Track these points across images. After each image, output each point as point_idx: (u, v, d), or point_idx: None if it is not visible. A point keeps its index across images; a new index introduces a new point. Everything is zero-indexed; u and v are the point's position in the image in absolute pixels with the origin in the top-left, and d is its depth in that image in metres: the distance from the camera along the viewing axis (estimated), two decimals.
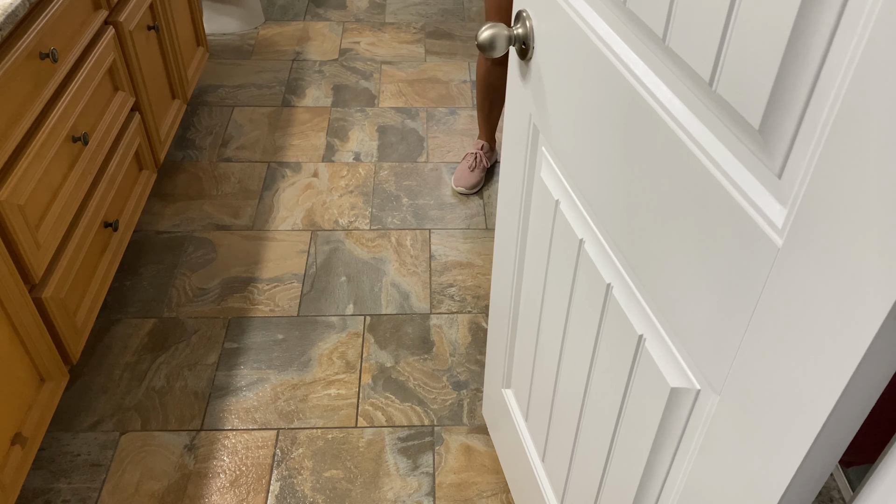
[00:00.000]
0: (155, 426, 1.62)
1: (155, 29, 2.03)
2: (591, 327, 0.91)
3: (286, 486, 1.52)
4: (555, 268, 1.01)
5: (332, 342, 1.81)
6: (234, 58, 2.87)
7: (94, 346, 1.78)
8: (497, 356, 1.39)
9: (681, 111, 0.65)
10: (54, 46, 1.47)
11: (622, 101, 0.74)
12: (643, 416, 0.81)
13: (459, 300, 1.92)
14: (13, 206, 1.30)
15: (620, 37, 0.74)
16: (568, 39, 0.84)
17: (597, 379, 0.93)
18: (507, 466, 1.45)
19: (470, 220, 2.17)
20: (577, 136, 0.87)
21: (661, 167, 0.69)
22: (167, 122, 2.15)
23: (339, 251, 2.06)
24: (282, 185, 2.27)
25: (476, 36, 0.95)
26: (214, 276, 1.97)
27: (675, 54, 0.63)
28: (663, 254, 0.71)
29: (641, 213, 0.74)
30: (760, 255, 0.56)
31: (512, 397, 1.37)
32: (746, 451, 0.64)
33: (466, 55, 2.93)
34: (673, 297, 0.71)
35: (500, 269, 1.28)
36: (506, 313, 1.29)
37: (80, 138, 1.54)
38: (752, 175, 0.57)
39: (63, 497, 1.49)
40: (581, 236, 0.90)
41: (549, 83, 0.92)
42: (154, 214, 2.15)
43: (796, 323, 0.54)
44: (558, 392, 1.09)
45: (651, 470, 0.84)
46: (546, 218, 1.02)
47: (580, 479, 1.06)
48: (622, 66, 0.73)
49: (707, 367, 0.67)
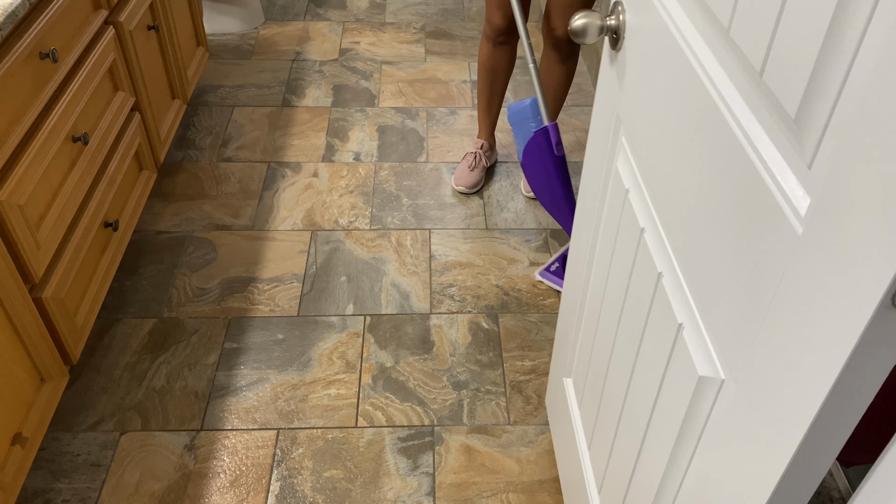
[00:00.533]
0: (155, 426, 1.62)
1: (155, 29, 2.03)
2: (642, 315, 0.94)
3: (286, 486, 1.52)
4: (618, 256, 1.04)
5: (332, 342, 1.81)
6: (234, 58, 2.87)
7: (95, 346, 1.78)
8: (563, 344, 1.42)
9: (736, 99, 0.67)
10: (54, 46, 1.47)
11: (690, 93, 0.76)
12: (673, 403, 0.83)
13: (459, 300, 1.93)
14: (13, 206, 1.30)
15: (699, 32, 0.77)
16: (654, 35, 0.87)
17: (640, 366, 0.95)
18: (560, 459, 1.47)
19: (470, 220, 2.17)
20: (650, 127, 0.89)
21: (711, 153, 0.71)
22: (167, 122, 2.15)
23: (339, 251, 2.06)
24: (282, 185, 2.27)
25: (570, 22, 1.00)
26: (214, 276, 1.97)
27: (735, 43, 0.66)
28: (706, 241, 0.74)
29: (692, 202, 0.77)
30: (782, 242, 0.58)
31: (571, 386, 1.40)
32: (754, 441, 0.64)
33: (466, 55, 2.93)
34: (708, 284, 0.73)
35: (575, 254, 1.30)
36: (576, 300, 1.31)
37: (80, 138, 1.55)
38: (786, 163, 0.59)
39: (63, 497, 1.49)
40: (643, 225, 0.93)
41: (632, 75, 0.96)
42: (154, 214, 2.16)
43: (805, 313, 0.55)
44: (608, 379, 1.11)
45: (674, 460, 0.85)
46: (616, 206, 1.05)
47: (616, 466, 1.09)
48: (694, 59, 0.75)
49: (730, 356, 0.69)
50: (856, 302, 0.49)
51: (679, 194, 0.81)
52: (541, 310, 1.90)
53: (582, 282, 1.26)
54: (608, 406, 1.12)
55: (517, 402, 1.69)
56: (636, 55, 0.94)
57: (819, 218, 0.53)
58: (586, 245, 1.23)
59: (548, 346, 1.81)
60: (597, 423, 1.20)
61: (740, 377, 0.67)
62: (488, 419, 1.65)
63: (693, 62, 0.75)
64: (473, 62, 2.88)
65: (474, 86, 2.75)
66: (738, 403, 0.67)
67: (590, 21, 0.99)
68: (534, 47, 2.99)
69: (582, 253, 1.26)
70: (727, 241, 0.68)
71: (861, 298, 0.48)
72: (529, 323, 1.87)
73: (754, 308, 0.63)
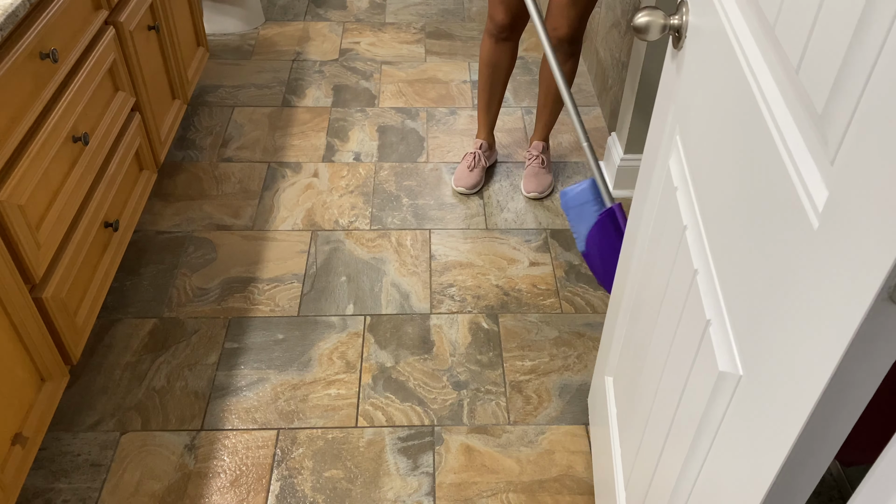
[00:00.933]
0: (155, 426, 1.62)
1: (155, 29, 2.03)
2: (676, 312, 0.95)
3: (286, 486, 1.52)
4: (661, 253, 1.05)
5: (333, 342, 1.81)
6: (234, 58, 2.88)
7: (95, 346, 1.78)
8: (607, 342, 1.42)
9: (775, 96, 0.69)
10: (55, 46, 1.48)
11: (738, 92, 0.77)
12: (695, 401, 0.84)
13: (459, 300, 1.93)
14: (14, 207, 1.30)
15: (751, 32, 0.78)
16: (712, 36, 0.88)
17: (671, 364, 0.96)
18: (596, 459, 1.48)
19: (470, 220, 2.17)
20: (701, 126, 0.91)
21: (749, 150, 0.72)
22: (167, 122, 2.15)
23: (339, 251, 2.06)
24: (282, 185, 2.27)
25: (632, 18, 1.01)
26: (215, 276, 1.97)
27: (778, 41, 0.67)
28: (737, 236, 0.75)
29: (728, 198, 0.78)
30: (799, 237, 0.60)
31: (611, 385, 1.41)
32: (755, 437, 0.65)
33: (466, 55, 2.94)
34: (735, 280, 0.74)
35: (626, 252, 1.31)
36: (621, 297, 1.32)
37: (80, 138, 1.55)
38: (812, 159, 0.60)
39: (63, 497, 1.49)
40: (686, 223, 0.94)
41: (689, 76, 0.97)
42: (154, 214, 2.16)
43: (807, 307, 0.56)
44: (642, 377, 1.13)
45: (689, 461, 0.85)
46: (664, 204, 1.06)
47: (641, 466, 1.10)
48: (743, 59, 0.76)
49: (747, 351, 0.70)
50: (855, 296, 0.50)
51: (718, 191, 0.82)
52: (541, 310, 1.90)
53: (628, 279, 1.27)
54: (640, 405, 1.13)
55: (517, 402, 1.69)
56: (695, 55, 0.95)
57: (833, 212, 0.54)
58: (633, 241, 1.24)
59: (548, 345, 1.81)
60: (629, 421, 1.21)
61: (751, 372, 0.68)
62: (488, 419, 1.65)
63: (742, 62, 0.76)
64: (473, 62, 2.89)
65: (474, 86, 2.75)
66: (747, 398, 0.68)
67: (653, 19, 1.00)
68: (533, 48, 2.99)
69: (631, 251, 1.27)
70: (754, 237, 0.70)
71: (860, 292, 0.49)
72: (529, 323, 1.87)
73: (770, 303, 0.65)
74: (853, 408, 0.54)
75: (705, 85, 0.90)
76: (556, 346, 1.81)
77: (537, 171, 2.26)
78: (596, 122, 2.58)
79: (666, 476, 0.94)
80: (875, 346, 0.50)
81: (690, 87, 0.96)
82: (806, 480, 0.60)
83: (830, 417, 0.55)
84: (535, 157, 2.27)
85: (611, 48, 2.47)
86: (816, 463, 0.59)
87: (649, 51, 1.99)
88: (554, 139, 2.49)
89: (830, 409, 0.54)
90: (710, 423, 0.79)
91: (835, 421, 0.55)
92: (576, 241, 1.80)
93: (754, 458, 0.64)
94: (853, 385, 0.53)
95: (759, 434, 0.64)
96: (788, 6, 0.66)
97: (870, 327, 0.49)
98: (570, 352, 1.80)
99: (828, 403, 0.54)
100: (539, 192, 2.24)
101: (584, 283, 1.98)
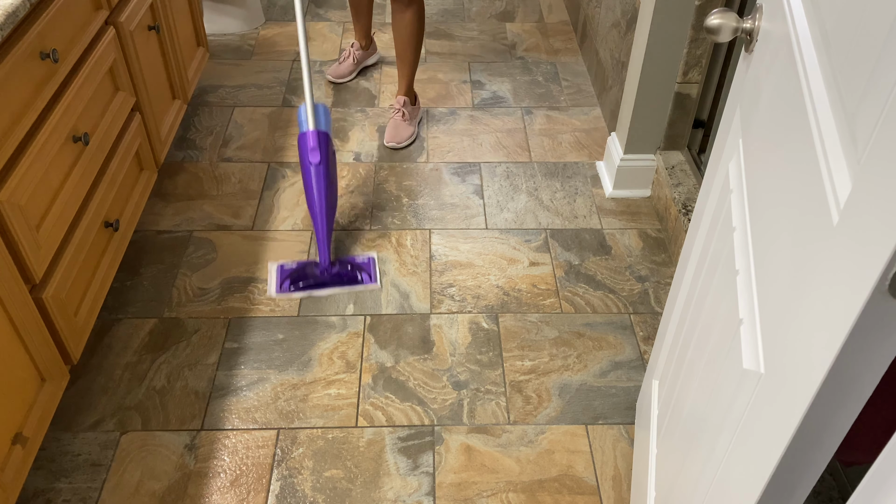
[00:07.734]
0: (155, 426, 1.62)
1: (155, 29, 2.03)
2: (716, 314, 0.96)
3: (286, 486, 1.52)
4: (711, 256, 1.07)
5: (333, 342, 1.81)
6: (234, 58, 2.88)
7: (95, 346, 1.79)
8: (658, 345, 1.44)
9: (822, 100, 0.70)
10: (55, 47, 1.48)
11: (793, 97, 0.79)
12: (721, 401, 0.85)
13: (459, 300, 1.93)
14: (14, 207, 1.30)
15: (812, 39, 0.78)
16: (778, 41, 0.89)
17: (706, 365, 0.97)
18: (637, 462, 1.49)
19: (470, 220, 2.17)
20: (760, 129, 0.92)
21: (794, 153, 0.74)
22: (168, 122, 2.15)
23: (339, 251, 2.06)
24: (282, 185, 2.28)
25: (705, 19, 1.02)
26: (215, 275, 1.97)
27: (832, 45, 0.69)
28: (774, 237, 0.76)
29: (772, 200, 0.80)
30: (818, 231, 0.61)
31: (656, 387, 1.42)
32: (756, 434, 0.65)
33: (466, 55, 2.94)
34: (768, 279, 0.76)
35: (685, 254, 1.32)
36: (674, 301, 1.33)
37: (80, 138, 1.55)
38: (844, 159, 0.62)
39: (63, 497, 1.50)
40: (735, 225, 0.95)
41: (754, 79, 0.98)
42: (155, 214, 2.16)
43: (810, 302, 0.56)
44: (681, 379, 1.13)
45: (706, 462, 0.85)
46: (719, 207, 1.07)
47: (669, 467, 1.11)
48: (801, 64, 0.77)
49: (768, 350, 0.70)
50: (855, 291, 0.50)
51: (766, 192, 0.84)
52: (541, 310, 1.90)
53: (683, 281, 1.28)
54: (676, 405, 1.14)
55: (517, 401, 1.69)
56: (762, 59, 0.96)
57: (850, 209, 0.55)
58: (693, 248, 1.25)
59: (547, 345, 1.81)
60: (665, 421, 1.22)
61: (770, 370, 0.69)
62: (488, 419, 1.65)
63: (799, 67, 0.77)
64: (474, 62, 2.89)
65: (475, 86, 2.75)
66: (763, 397, 0.69)
67: (725, 21, 1.01)
68: (533, 48, 2.99)
69: (688, 255, 1.27)
70: (787, 236, 0.71)
71: (859, 287, 0.50)
72: (529, 323, 1.87)
73: (790, 300, 0.66)
74: (853, 405, 0.55)
75: (767, 89, 0.91)
76: (555, 345, 1.81)
77: (398, 124, 2.45)
78: (596, 123, 2.58)
79: (687, 479, 0.95)
80: (873, 341, 0.50)
81: (754, 90, 0.97)
82: (805, 479, 0.61)
83: (828, 414, 0.55)
84: (398, 110, 2.46)
85: (611, 48, 2.47)
86: (817, 460, 0.59)
87: (649, 51, 1.99)
88: (554, 139, 2.49)
89: (831, 408, 0.55)
90: (731, 422, 0.80)
91: (833, 417, 0.55)
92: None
93: (759, 455, 0.65)
94: (852, 382, 0.53)
95: (768, 431, 0.64)
96: (841, 12, 0.67)
97: (869, 321, 0.49)
98: (569, 352, 1.80)
99: (828, 403, 0.54)
100: (397, 143, 2.41)
101: (584, 283, 1.98)
